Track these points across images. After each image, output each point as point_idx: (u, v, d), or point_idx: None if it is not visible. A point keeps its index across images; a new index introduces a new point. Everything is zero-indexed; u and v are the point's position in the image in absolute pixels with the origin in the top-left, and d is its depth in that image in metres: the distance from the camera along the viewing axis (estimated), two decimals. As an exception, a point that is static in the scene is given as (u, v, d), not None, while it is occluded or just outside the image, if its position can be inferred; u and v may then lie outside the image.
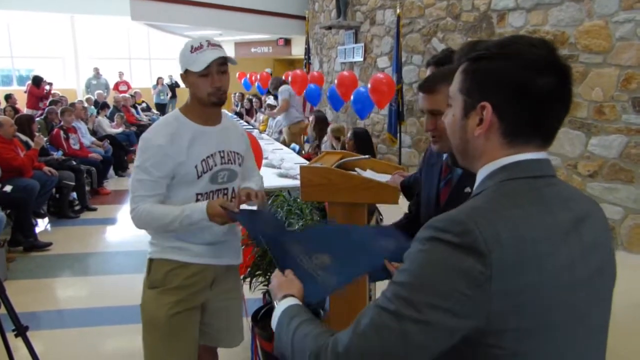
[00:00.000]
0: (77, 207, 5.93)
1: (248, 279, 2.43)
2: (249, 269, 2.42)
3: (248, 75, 11.89)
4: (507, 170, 0.84)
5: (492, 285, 0.74)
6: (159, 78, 13.97)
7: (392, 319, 0.76)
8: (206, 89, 1.71)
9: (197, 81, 1.71)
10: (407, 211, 2.24)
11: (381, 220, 4.55)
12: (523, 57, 0.81)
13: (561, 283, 0.78)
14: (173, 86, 14.12)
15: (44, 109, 7.74)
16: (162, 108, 13.33)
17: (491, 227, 0.75)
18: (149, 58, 16.71)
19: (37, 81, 9.85)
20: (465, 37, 5.52)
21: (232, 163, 1.85)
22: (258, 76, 10.24)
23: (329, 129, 5.19)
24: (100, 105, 9.35)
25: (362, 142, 4.70)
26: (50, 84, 10.16)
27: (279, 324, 0.97)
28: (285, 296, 1.02)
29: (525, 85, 0.81)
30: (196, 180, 1.75)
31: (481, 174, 0.88)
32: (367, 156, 2.80)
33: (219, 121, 1.85)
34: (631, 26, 3.99)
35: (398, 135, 6.12)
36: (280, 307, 1.00)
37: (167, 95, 13.74)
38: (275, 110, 6.94)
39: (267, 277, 2.43)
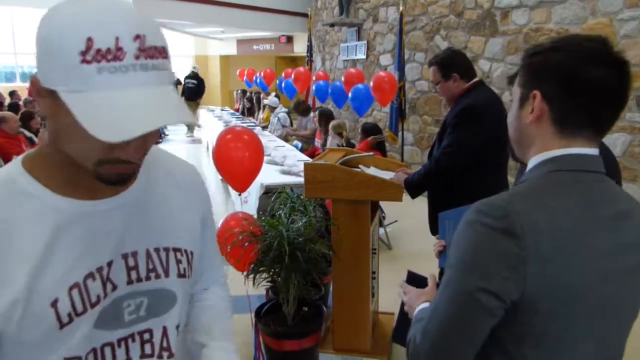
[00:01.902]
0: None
1: (252, 275, 2.43)
2: (252, 265, 2.43)
3: (242, 71, 11.87)
4: (556, 161, 0.88)
5: (526, 267, 0.79)
6: None
7: (446, 302, 0.86)
8: (95, 153, 0.71)
9: (73, 126, 0.65)
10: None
11: (384, 217, 4.56)
12: (576, 49, 0.85)
13: (593, 274, 0.83)
14: (175, 84, 14.06)
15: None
16: None
17: (528, 213, 0.81)
18: (151, 55, 16.70)
19: None
20: (468, 35, 5.51)
21: (160, 275, 0.86)
22: (262, 73, 10.23)
23: (330, 126, 5.19)
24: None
25: (371, 135, 4.71)
26: None
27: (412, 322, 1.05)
28: (424, 302, 1.09)
29: (576, 75, 0.84)
30: (57, 333, 0.75)
31: (531, 163, 0.93)
32: (371, 153, 2.81)
33: (128, 181, 0.81)
34: (635, 24, 3.98)
35: (400, 132, 6.12)
36: (417, 309, 1.07)
37: None
38: (304, 133, 6.98)
39: (271, 273, 2.43)
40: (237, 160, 2.47)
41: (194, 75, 12.19)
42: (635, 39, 4.00)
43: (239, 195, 2.67)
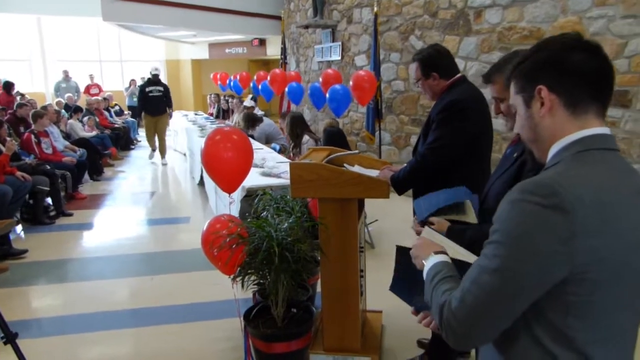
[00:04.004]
0: (52, 213, 5.75)
1: (239, 278, 2.39)
2: (239, 269, 2.38)
3: (216, 75, 11.66)
4: (581, 142, 0.96)
5: (576, 240, 0.85)
6: (132, 80, 13.68)
7: (490, 274, 0.90)
8: None
9: None
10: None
11: (365, 217, 4.56)
12: (555, 45, 1.00)
13: (631, 244, 0.90)
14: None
15: (11, 114, 7.44)
16: (135, 111, 13.03)
17: (575, 189, 0.87)
18: (121, 60, 16.37)
19: (8, 87, 9.54)
20: (443, 35, 5.58)
21: None
22: (237, 77, 10.12)
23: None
24: (74, 109, 9.08)
25: (335, 140, 4.69)
26: (22, 95, 9.78)
27: (426, 276, 1.10)
28: (436, 252, 1.15)
29: (564, 62, 0.97)
30: None
31: (555, 148, 0.99)
32: (356, 151, 2.80)
33: None
34: (604, 22, 4.10)
35: (377, 133, 6.14)
36: (430, 261, 1.13)
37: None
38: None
39: (260, 275, 2.40)
40: (227, 160, 2.42)
41: (157, 81, 8.95)
42: (604, 36, 4.12)
43: (229, 196, 2.61)
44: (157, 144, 9.04)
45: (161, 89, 8.83)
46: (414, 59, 2.50)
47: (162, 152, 9.10)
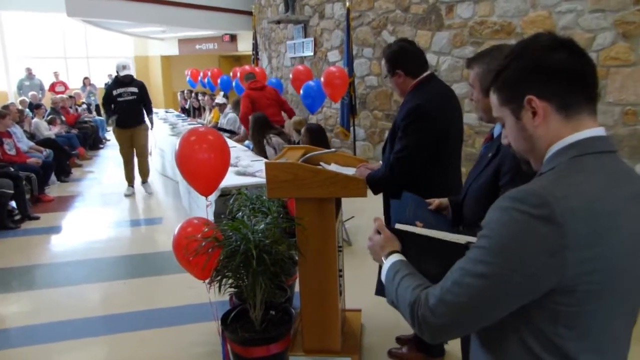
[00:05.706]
0: (17, 217, 5.54)
1: (216, 282, 2.32)
2: (215, 272, 2.32)
3: (189, 72, 11.46)
4: (576, 147, 0.92)
5: (566, 253, 0.82)
6: (85, 78, 13.38)
7: (474, 278, 0.88)
8: None
9: None
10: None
11: (342, 214, 4.53)
12: (532, 49, 0.95)
13: (627, 252, 0.87)
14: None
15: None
16: (96, 109, 12.69)
17: (566, 200, 0.84)
18: (87, 57, 15.89)
19: None
20: (415, 29, 5.59)
21: None
22: (209, 73, 9.93)
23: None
24: (35, 106, 8.73)
25: (317, 137, 4.66)
26: None
27: (386, 277, 1.11)
28: (390, 253, 1.16)
29: (547, 66, 0.92)
30: None
31: (550, 152, 0.95)
32: (333, 149, 2.76)
33: None
34: (573, 16, 4.16)
35: (351, 128, 6.12)
36: (387, 262, 1.14)
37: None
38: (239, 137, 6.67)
39: (237, 277, 2.34)
40: (202, 162, 2.33)
41: (128, 81, 6.30)
42: (573, 30, 4.18)
43: (206, 199, 2.53)
44: (136, 169, 6.71)
45: (135, 90, 6.29)
46: (382, 55, 2.48)
47: (144, 174, 6.79)
